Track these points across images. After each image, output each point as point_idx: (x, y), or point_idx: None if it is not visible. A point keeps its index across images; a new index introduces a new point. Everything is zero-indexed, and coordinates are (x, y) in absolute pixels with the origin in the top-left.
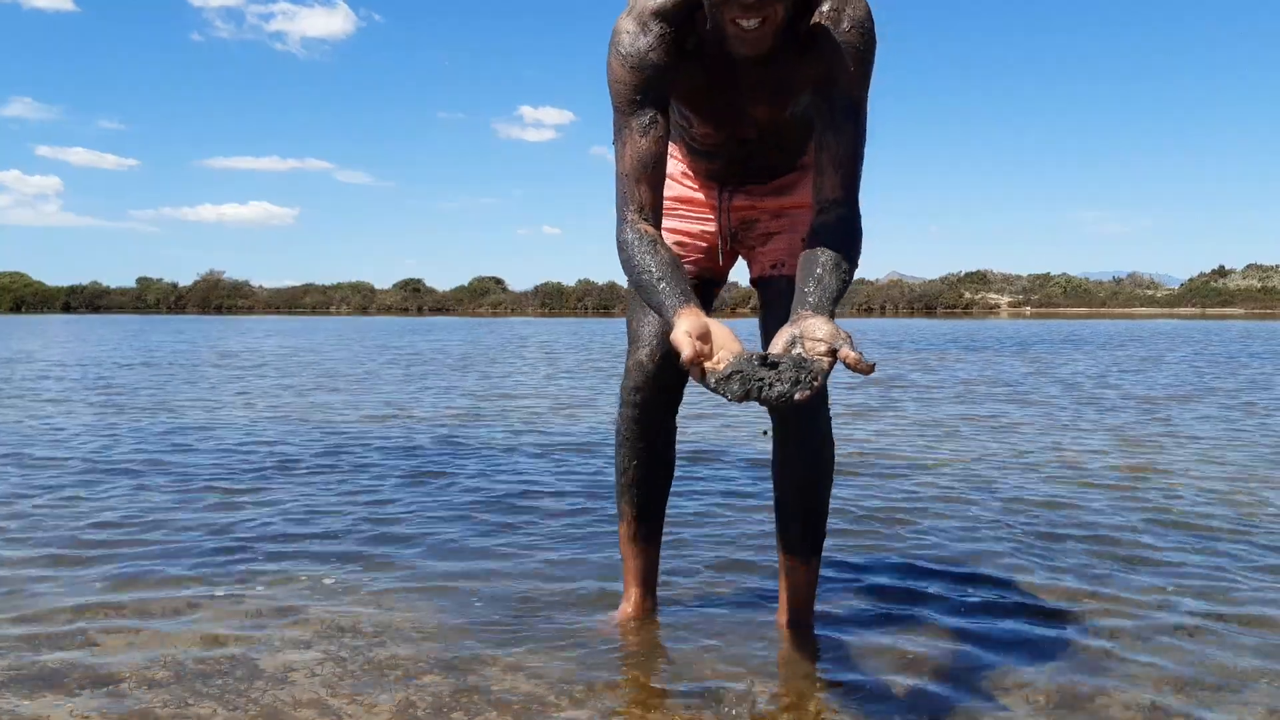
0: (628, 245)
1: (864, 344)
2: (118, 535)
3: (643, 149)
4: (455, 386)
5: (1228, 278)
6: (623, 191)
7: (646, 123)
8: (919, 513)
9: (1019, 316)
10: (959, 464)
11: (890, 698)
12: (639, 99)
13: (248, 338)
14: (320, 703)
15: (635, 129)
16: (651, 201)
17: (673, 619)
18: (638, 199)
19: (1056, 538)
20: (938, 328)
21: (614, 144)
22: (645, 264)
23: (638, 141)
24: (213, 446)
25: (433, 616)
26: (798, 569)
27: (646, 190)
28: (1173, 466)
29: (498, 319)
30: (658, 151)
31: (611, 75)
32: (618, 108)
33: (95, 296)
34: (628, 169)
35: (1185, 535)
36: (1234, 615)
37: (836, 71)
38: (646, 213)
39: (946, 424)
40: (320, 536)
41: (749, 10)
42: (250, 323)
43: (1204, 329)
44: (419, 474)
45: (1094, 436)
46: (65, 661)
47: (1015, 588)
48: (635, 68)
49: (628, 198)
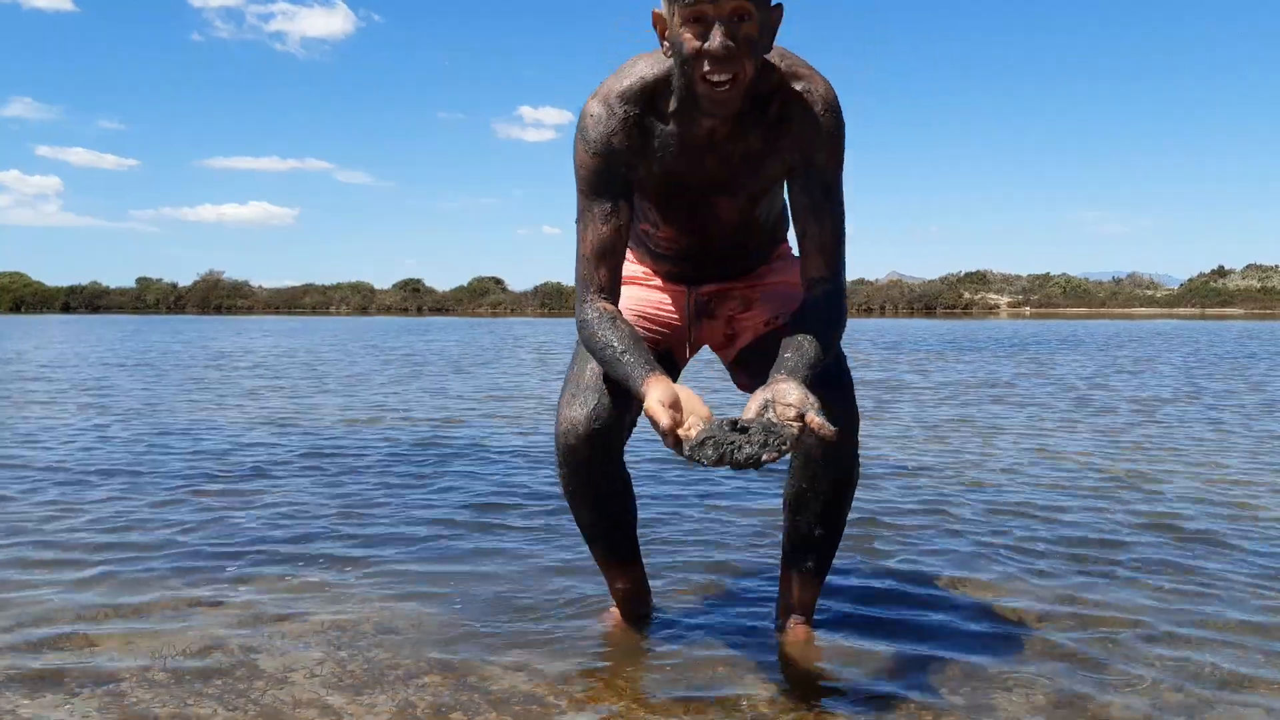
0: (589, 323)
1: (862, 344)
2: (116, 536)
3: (604, 235)
4: (452, 388)
5: (1227, 278)
6: (583, 273)
7: (609, 210)
8: (914, 514)
9: (1019, 317)
10: (953, 466)
11: (890, 698)
12: (602, 185)
13: (244, 338)
14: (320, 703)
15: (598, 215)
16: (611, 283)
17: (672, 619)
18: (597, 281)
19: (1054, 540)
20: (937, 328)
21: (576, 224)
22: (607, 339)
23: (600, 228)
24: (209, 448)
25: (432, 617)
26: (806, 585)
27: (606, 273)
28: (1170, 470)
29: (497, 319)
30: (619, 238)
31: (576, 159)
32: (581, 191)
33: (95, 297)
34: (588, 252)
35: (1184, 537)
36: (1233, 616)
37: (812, 151)
38: (607, 293)
39: (941, 426)
40: (319, 537)
41: (719, 63)
42: (249, 323)
43: (1203, 329)
44: (417, 475)
45: (1090, 439)
46: (65, 662)
47: (1014, 590)
48: (599, 153)
49: (588, 280)
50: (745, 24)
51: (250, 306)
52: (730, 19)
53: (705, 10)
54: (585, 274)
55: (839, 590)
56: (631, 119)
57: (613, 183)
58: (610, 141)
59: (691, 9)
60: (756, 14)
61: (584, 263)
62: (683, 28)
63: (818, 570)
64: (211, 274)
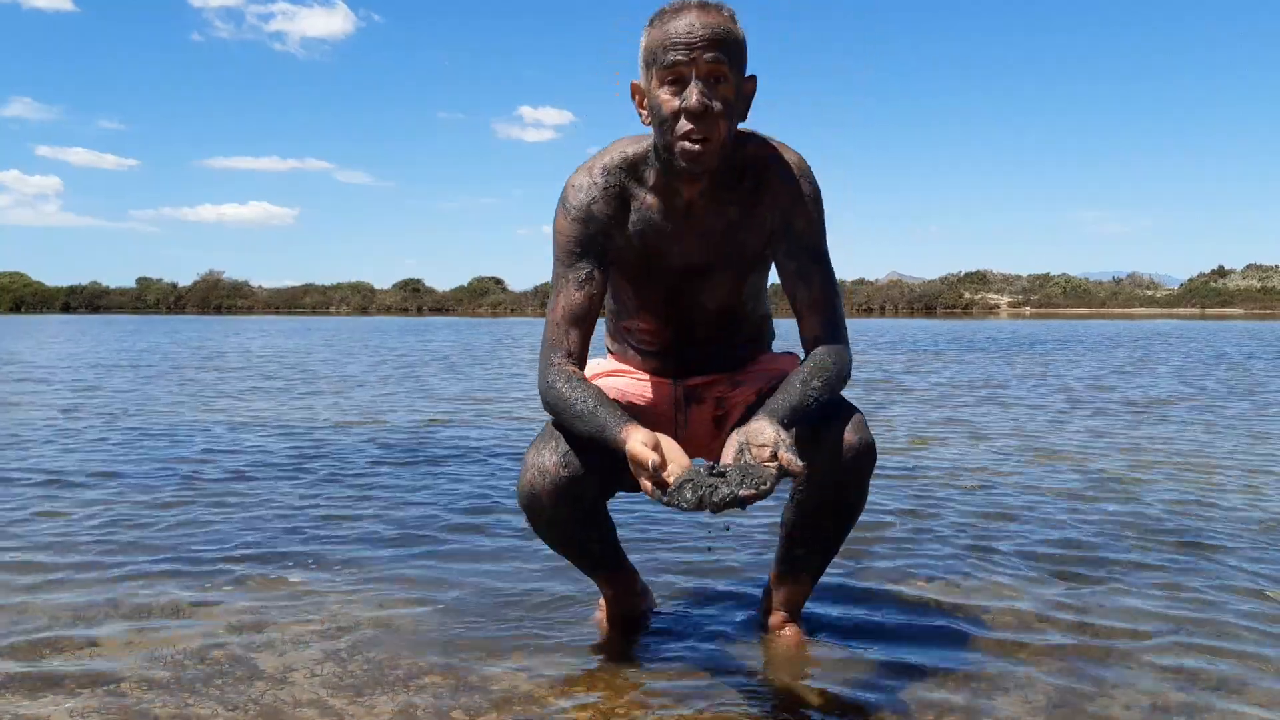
0: (553, 386)
1: (859, 344)
2: (116, 537)
3: (576, 300)
4: (448, 388)
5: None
6: (551, 337)
7: (583, 277)
8: (911, 514)
9: (1019, 317)
10: (951, 467)
11: (890, 699)
12: (579, 251)
13: (243, 339)
14: (320, 703)
15: (572, 280)
16: (579, 350)
17: (672, 619)
18: (565, 345)
19: (1052, 541)
20: (936, 328)
21: (551, 293)
22: (575, 395)
23: (573, 293)
24: (209, 449)
25: (432, 617)
26: (797, 588)
27: (576, 338)
28: (1168, 470)
29: (497, 319)
30: (590, 306)
31: (555, 227)
32: (557, 258)
33: (95, 297)
34: (559, 318)
35: (1183, 538)
36: (1232, 616)
37: (791, 216)
38: (575, 359)
39: (937, 427)
40: (319, 538)
41: (696, 120)
42: (249, 323)
43: (1202, 329)
44: (415, 476)
45: (1087, 440)
46: (65, 662)
47: (1013, 591)
48: (578, 219)
49: (556, 343)
50: (721, 85)
51: (250, 306)
52: (706, 80)
53: (682, 71)
54: (553, 338)
55: (838, 592)
56: (613, 188)
57: (590, 249)
58: (590, 208)
59: (669, 70)
60: (732, 77)
61: (553, 327)
62: (660, 89)
63: (811, 576)
64: (211, 274)
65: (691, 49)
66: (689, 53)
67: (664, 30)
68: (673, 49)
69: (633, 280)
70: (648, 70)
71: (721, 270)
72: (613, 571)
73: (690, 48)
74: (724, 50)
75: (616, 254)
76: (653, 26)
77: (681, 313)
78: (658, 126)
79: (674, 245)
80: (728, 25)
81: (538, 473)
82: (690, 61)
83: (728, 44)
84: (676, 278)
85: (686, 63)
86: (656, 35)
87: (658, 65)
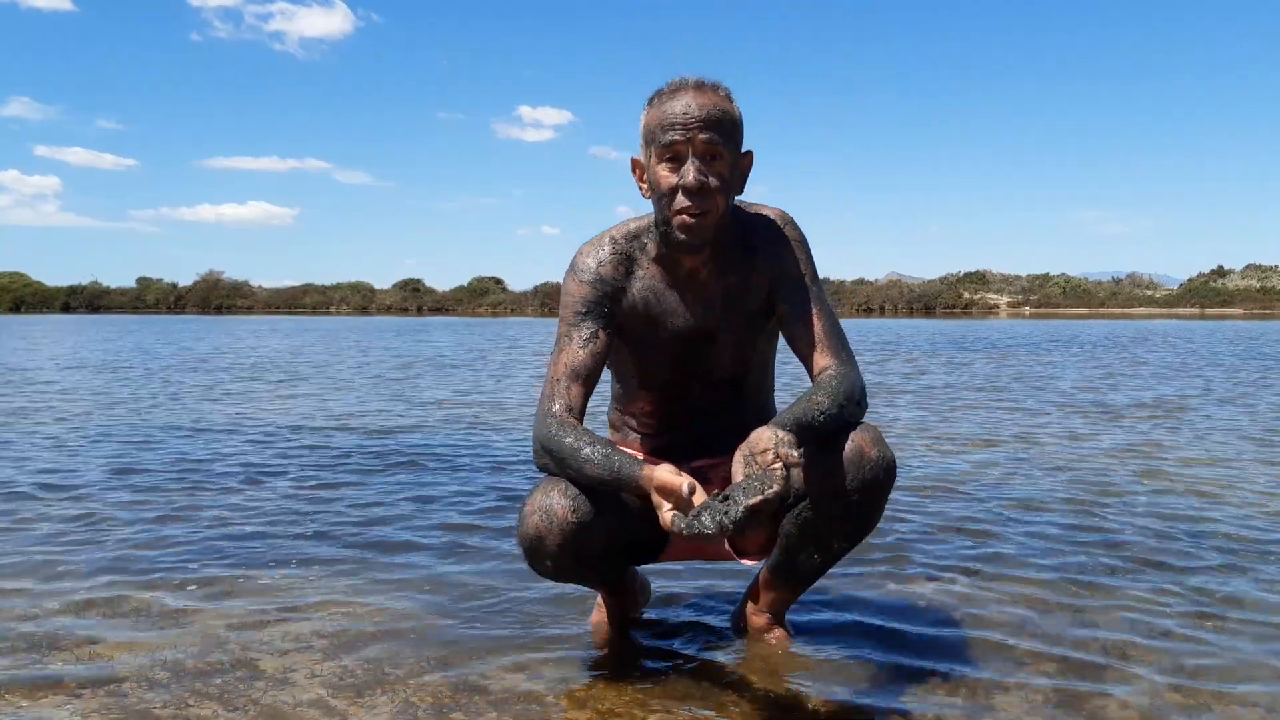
0: (555, 436)
1: (855, 345)
2: (114, 536)
3: (580, 358)
4: (447, 388)
5: (1227, 278)
6: (550, 391)
7: (587, 336)
8: (909, 515)
9: (1018, 317)
10: (950, 467)
11: (890, 699)
12: (584, 311)
13: (242, 339)
14: (320, 703)
15: (575, 340)
16: (580, 405)
17: (671, 618)
18: (566, 400)
19: (1051, 541)
20: (935, 328)
21: (553, 353)
22: (583, 441)
23: (576, 351)
24: (208, 449)
25: (432, 617)
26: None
27: (578, 393)
28: (1166, 470)
29: (498, 319)
30: (592, 365)
31: (565, 290)
32: (563, 318)
33: (95, 297)
34: (560, 373)
35: (1182, 536)
36: (1232, 616)
37: (784, 265)
38: (575, 413)
39: (936, 427)
40: (319, 539)
41: (694, 196)
42: (250, 323)
43: (1202, 329)
44: (414, 477)
45: (1086, 440)
46: (65, 662)
47: (1012, 591)
48: (586, 281)
49: (554, 396)
50: (717, 162)
51: (250, 306)
52: (703, 157)
53: (680, 150)
54: (552, 392)
55: (836, 593)
56: (620, 254)
57: (597, 311)
58: (599, 272)
59: (667, 149)
60: (727, 154)
61: (552, 383)
62: (659, 166)
63: (805, 584)
64: (211, 274)
65: (688, 129)
66: (686, 132)
67: (662, 111)
68: (670, 129)
69: (637, 349)
70: (647, 148)
71: (725, 334)
72: (615, 585)
73: (687, 128)
74: (719, 130)
75: (622, 319)
76: (652, 106)
77: (687, 382)
78: (657, 201)
79: (677, 311)
80: (724, 105)
81: (544, 515)
82: (687, 141)
83: (723, 123)
84: (681, 345)
85: (684, 142)
86: (655, 115)
87: (656, 144)
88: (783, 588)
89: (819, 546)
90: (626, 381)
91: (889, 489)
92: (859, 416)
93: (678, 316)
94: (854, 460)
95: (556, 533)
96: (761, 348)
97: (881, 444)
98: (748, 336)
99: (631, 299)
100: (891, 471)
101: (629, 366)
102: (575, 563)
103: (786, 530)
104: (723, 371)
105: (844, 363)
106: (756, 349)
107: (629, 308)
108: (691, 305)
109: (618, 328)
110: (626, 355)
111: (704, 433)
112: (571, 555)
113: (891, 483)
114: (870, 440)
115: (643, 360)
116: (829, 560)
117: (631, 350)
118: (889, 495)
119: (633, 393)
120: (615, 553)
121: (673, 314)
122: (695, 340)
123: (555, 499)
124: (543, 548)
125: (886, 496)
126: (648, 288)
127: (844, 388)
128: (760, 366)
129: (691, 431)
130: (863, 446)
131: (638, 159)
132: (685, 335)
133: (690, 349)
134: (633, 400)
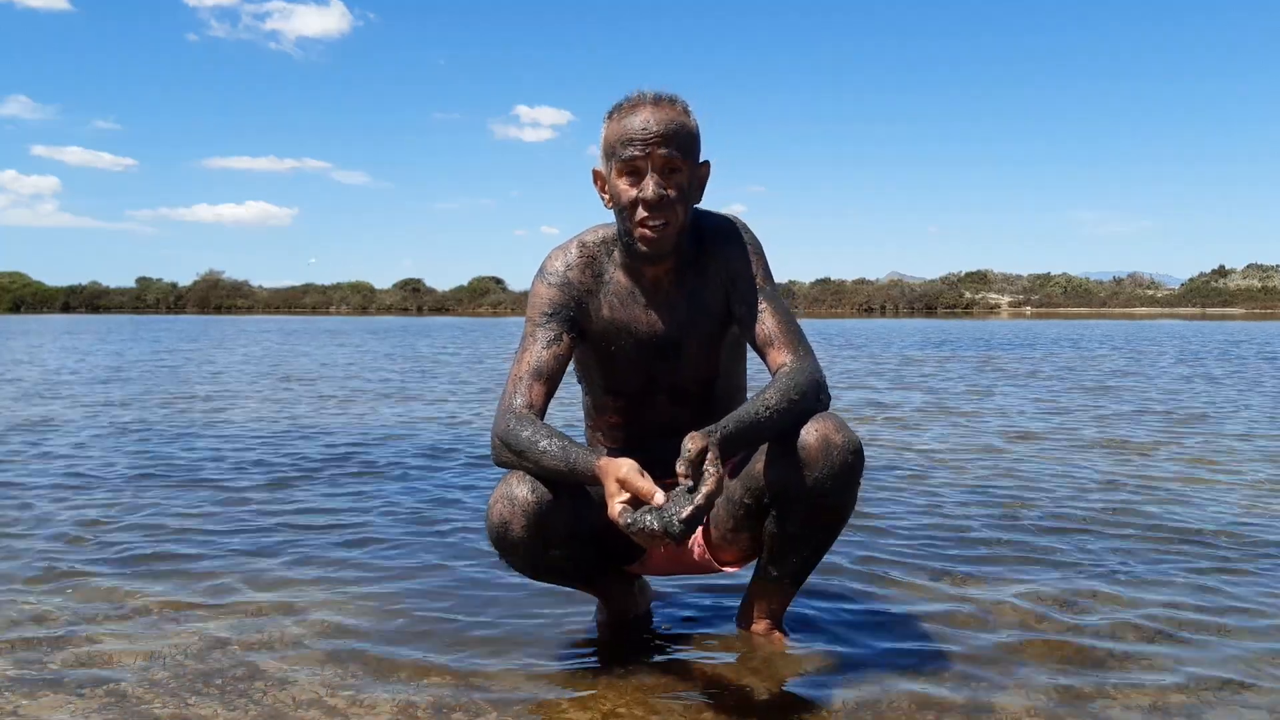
0: (512, 430)
1: (855, 345)
2: (114, 536)
3: (542, 359)
4: (446, 388)
5: (1228, 278)
6: (511, 390)
7: (551, 337)
8: (907, 515)
9: (1019, 317)
10: (949, 467)
11: (890, 699)
12: (551, 313)
13: (244, 339)
14: (321, 703)
15: (539, 339)
16: (540, 404)
17: (671, 619)
18: (528, 397)
19: (1052, 541)
20: (934, 328)
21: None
22: (540, 434)
23: (539, 351)
24: (208, 450)
25: (432, 617)
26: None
27: (539, 391)
28: (1166, 470)
29: (498, 319)
30: (555, 366)
31: (532, 293)
32: (529, 319)
33: (94, 297)
34: (522, 371)
35: (1182, 538)
36: (1233, 615)
37: (737, 266)
38: (535, 410)
39: (935, 427)
40: (319, 539)
41: (653, 209)
42: (250, 323)
43: (1202, 329)
44: (414, 477)
45: (1086, 440)
46: (65, 662)
47: (1012, 591)
48: (553, 284)
49: (515, 394)
50: (676, 175)
51: (250, 306)
52: (662, 171)
53: (639, 164)
54: (513, 389)
55: (835, 594)
56: (587, 259)
57: (562, 314)
58: (567, 275)
59: (628, 163)
60: (685, 167)
61: (514, 380)
62: (619, 179)
63: (796, 583)
64: (211, 274)
65: (647, 144)
66: (644, 148)
67: (621, 126)
68: (630, 144)
69: (605, 358)
70: (608, 161)
71: (690, 342)
72: (599, 581)
73: (646, 143)
74: (677, 144)
75: (588, 324)
76: (611, 120)
77: (654, 393)
78: (618, 213)
79: (642, 319)
80: (681, 119)
81: (507, 502)
82: (646, 156)
83: (680, 137)
84: (648, 353)
85: (643, 157)
86: (615, 129)
87: (617, 158)
88: (775, 589)
89: (802, 541)
90: (596, 393)
91: (859, 472)
92: (819, 408)
93: (642, 324)
94: (821, 449)
95: (520, 516)
96: (725, 356)
97: (845, 429)
98: (711, 344)
99: (598, 304)
100: (860, 455)
101: (596, 377)
102: (544, 547)
103: (769, 531)
104: (689, 382)
105: (800, 357)
106: (721, 357)
107: (595, 312)
108: (656, 313)
109: (583, 333)
110: (594, 364)
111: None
112: (539, 540)
113: (861, 466)
114: (834, 427)
115: (610, 370)
116: (814, 553)
117: (598, 359)
118: (860, 480)
119: (602, 404)
120: (582, 541)
121: (638, 321)
122: (662, 347)
123: (516, 487)
124: (509, 534)
125: (858, 481)
126: (614, 294)
127: (795, 381)
128: (727, 377)
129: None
130: (828, 435)
131: (599, 170)
132: (651, 343)
133: (657, 356)
134: (602, 413)
